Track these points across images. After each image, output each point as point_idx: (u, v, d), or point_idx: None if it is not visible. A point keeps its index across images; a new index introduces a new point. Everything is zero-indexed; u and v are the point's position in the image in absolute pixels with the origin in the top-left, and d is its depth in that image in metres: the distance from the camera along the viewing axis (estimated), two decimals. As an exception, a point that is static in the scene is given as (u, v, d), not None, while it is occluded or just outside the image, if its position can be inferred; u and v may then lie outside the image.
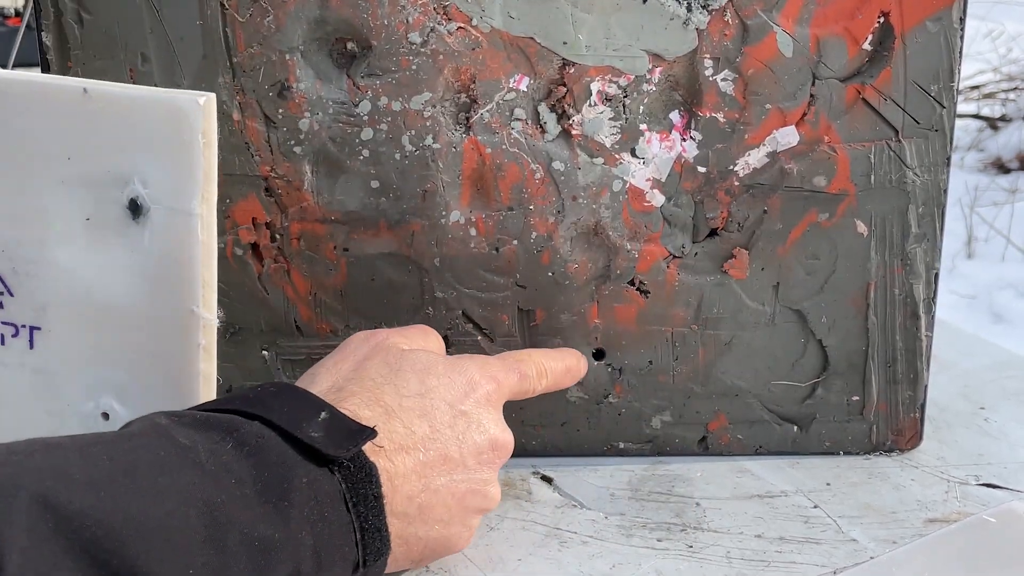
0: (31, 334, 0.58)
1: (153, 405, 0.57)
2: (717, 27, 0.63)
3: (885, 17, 0.63)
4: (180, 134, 0.54)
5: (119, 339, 0.57)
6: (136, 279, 0.56)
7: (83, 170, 0.55)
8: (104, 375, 0.58)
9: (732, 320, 0.68)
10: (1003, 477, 0.68)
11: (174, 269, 0.55)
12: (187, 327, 0.56)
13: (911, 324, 0.68)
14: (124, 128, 0.55)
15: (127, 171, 0.55)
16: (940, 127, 0.65)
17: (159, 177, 0.55)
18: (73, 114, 0.55)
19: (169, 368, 0.57)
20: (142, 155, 0.55)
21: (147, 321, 0.56)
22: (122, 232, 0.56)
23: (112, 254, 0.56)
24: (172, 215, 0.55)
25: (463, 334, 0.68)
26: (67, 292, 0.57)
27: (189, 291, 0.56)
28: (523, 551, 0.60)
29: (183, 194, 0.55)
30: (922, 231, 0.67)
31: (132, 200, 0.55)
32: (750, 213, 0.66)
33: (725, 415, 0.70)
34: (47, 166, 0.56)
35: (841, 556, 0.60)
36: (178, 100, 0.54)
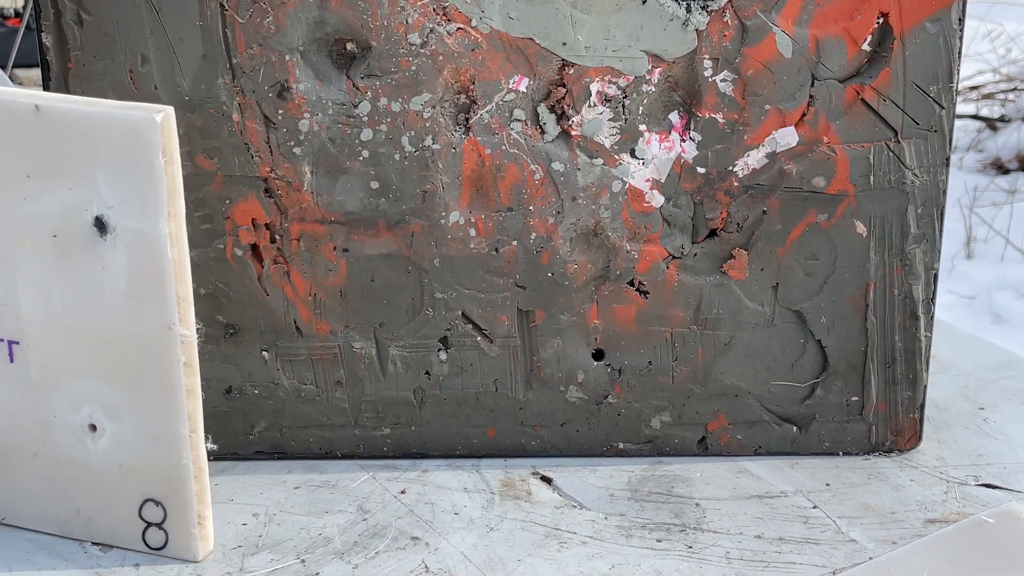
0: (10, 348, 0.59)
1: (140, 419, 0.57)
2: (716, 28, 0.63)
3: (884, 18, 0.63)
4: (139, 152, 0.53)
5: (100, 354, 0.57)
6: (109, 295, 0.56)
7: (44, 188, 0.55)
8: (88, 388, 0.58)
9: (731, 320, 0.68)
10: (1002, 477, 0.68)
11: (147, 287, 0.55)
12: (166, 344, 0.56)
13: (910, 324, 0.68)
14: (80, 146, 0.54)
15: (88, 189, 0.54)
16: (939, 128, 0.65)
17: (122, 196, 0.54)
18: (27, 132, 0.54)
19: (152, 383, 0.57)
20: (101, 173, 0.54)
21: (125, 337, 0.56)
22: (91, 248, 0.55)
23: (83, 270, 0.56)
24: (139, 234, 0.54)
25: (463, 334, 0.68)
26: (42, 308, 0.57)
27: (164, 308, 0.55)
28: (523, 551, 0.60)
29: (149, 213, 0.54)
30: (921, 232, 0.67)
31: (97, 218, 0.55)
32: (749, 214, 0.66)
33: (724, 415, 0.70)
34: (8, 184, 0.56)
35: (840, 556, 0.60)
36: (134, 118, 0.53)
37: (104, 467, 0.59)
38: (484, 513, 0.64)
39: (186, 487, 0.58)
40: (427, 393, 0.69)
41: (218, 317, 0.67)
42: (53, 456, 0.60)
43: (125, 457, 0.59)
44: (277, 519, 0.64)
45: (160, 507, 0.59)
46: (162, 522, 0.59)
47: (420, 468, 0.69)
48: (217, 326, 0.68)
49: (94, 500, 0.60)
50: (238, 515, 0.64)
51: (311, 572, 0.59)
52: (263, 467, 0.68)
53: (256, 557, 0.60)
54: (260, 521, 0.63)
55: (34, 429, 0.60)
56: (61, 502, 0.61)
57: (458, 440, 0.70)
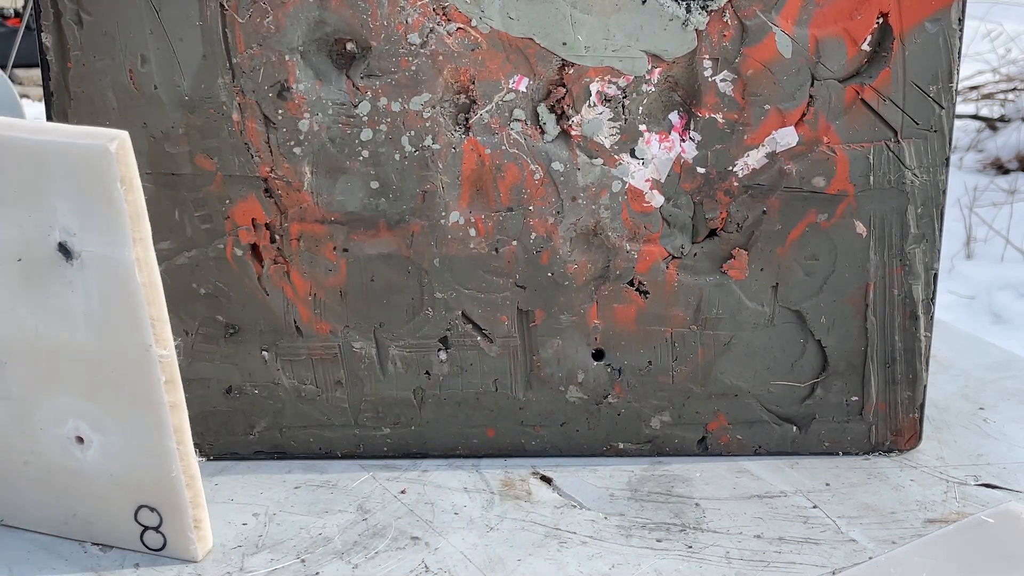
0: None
1: (125, 433, 0.57)
2: (716, 28, 0.63)
3: (884, 18, 0.63)
4: (96, 182, 0.52)
5: (78, 372, 0.57)
6: (82, 318, 0.56)
7: (4, 214, 0.54)
8: (70, 404, 0.58)
9: (731, 320, 0.68)
10: (1002, 477, 0.68)
11: (119, 310, 0.55)
12: (145, 364, 0.56)
13: (910, 324, 0.68)
14: (36, 174, 0.53)
15: (48, 216, 0.54)
16: (939, 128, 0.65)
17: (83, 223, 0.53)
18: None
19: (135, 400, 0.57)
20: (60, 201, 0.53)
21: (103, 357, 0.56)
22: (58, 272, 0.55)
23: (52, 293, 0.56)
24: (106, 260, 0.54)
25: (462, 334, 0.68)
26: (13, 330, 0.57)
27: (139, 331, 0.55)
28: (523, 551, 0.60)
29: (113, 241, 0.53)
30: (921, 232, 0.67)
31: (60, 244, 0.54)
32: (749, 214, 0.66)
33: (724, 415, 0.70)
34: None
35: (840, 556, 0.60)
36: (87, 148, 0.52)
37: (96, 474, 0.60)
38: (484, 513, 0.64)
39: (179, 495, 0.58)
40: (427, 393, 0.69)
41: (218, 317, 0.67)
42: (44, 464, 0.60)
43: (115, 467, 0.59)
44: (277, 519, 0.64)
45: (155, 512, 0.59)
46: (159, 526, 0.60)
47: (420, 468, 0.70)
48: (217, 326, 0.68)
49: (90, 504, 0.60)
50: (238, 515, 0.64)
51: (311, 572, 0.59)
52: (263, 467, 0.68)
53: (256, 557, 0.60)
54: (260, 521, 0.63)
55: (21, 440, 0.60)
56: (57, 506, 0.61)
57: (458, 440, 0.70)
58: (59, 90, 0.64)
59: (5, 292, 0.56)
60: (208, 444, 0.70)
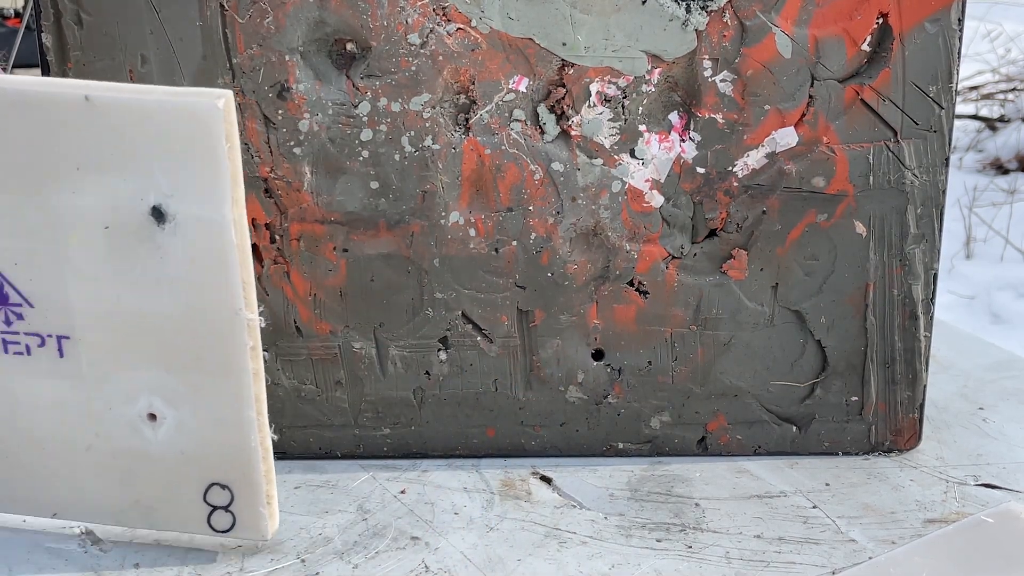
0: (59, 343, 0.57)
1: (204, 404, 0.57)
2: (716, 28, 0.63)
3: (884, 18, 0.63)
4: (201, 140, 0.52)
5: (159, 343, 0.56)
6: (168, 284, 0.55)
7: (94, 179, 0.54)
8: (146, 379, 0.57)
9: (731, 320, 0.68)
10: (1002, 477, 0.68)
11: (211, 274, 0.54)
12: (233, 329, 0.55)
13: (910, 324, 0.68)
14: (136, 136, 0.53)
15: (144, 179, 0.53)
16: (939, 128, 0.65)
17: (182, 184, 0.53)
18: (78, 123, 0.53)
19: (217, 369, 0.56)
20: (159, 163, 0.53)
21: (187, 325, 0.56)
22: (147, 239, 0.54)
23: (138, 261, 0.55)
24: (202, 222, 0.53)
25: (462, 335, 0.68)
26: (94, 301, 0.56)
27: (230, 294, 0.55)
28: (522, 551, 0.60)
29: (212, 201, 0.53)
30: (921, 232, 0.67)
31: (154, 208, 0.54)
32: (749, 214, 0.66)
33: (724, 415, 0.70)
34: (55, 177, 0.54)
35: (840, 556, 0.60)
36: (193, 105, 0.52)
37: (165, 455, 0.58)
38: (484, 513, 0.64)
39: (254, 469, 0.58)
40: (427, 393, 0.69)
41: (218, 317, 0.67)
42: (108, 449, 0.59)
43: (187, 444, 0.58)
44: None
45: (227, 490, 0.58)
46: (228, 504, 0.59)
47: (420, 468, 0.70)
48: (217, 326, 0.68)
49: (154, 489, 0.59)
50: (238, 515, 0.64)
51: (311, 572, 0.59)
52: (263, 467, 0.68)
53: (256, 557, 0.60)
54: (260, 521, 0.63)
55: (86, 423, 0.59)
56: (118, 493, 0.60)
57: (458, 440, 0.70)
58: (59, 90, 0.64)
59: (88, 262, 0.55)
60: (208, 444, 0.70)
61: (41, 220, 0.55)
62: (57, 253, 0.55)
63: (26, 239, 0.55)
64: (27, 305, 0.57)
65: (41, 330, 0.57)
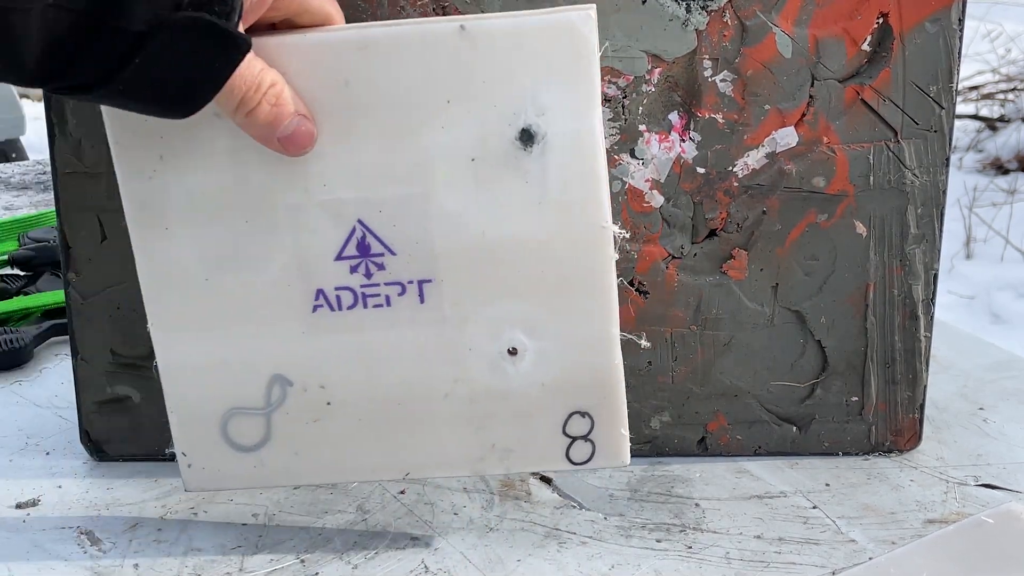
0: (420, 288, 0.57)
1: (567, 329, 0.57)
2: (716, 28, 0.63)
3: (884, 18, 0.63)
4: (575, 52, 0.54)
5: (520, 272, 0.57)
6: (533, 209, 0.56)
7: (464, 111, 0.55)
8: (506, 312, 0.58)
9: (731, 321, 0.68)
10: (1002, 478, 0.68)
11: (577, 189, 0.56)
12: (599, 244, 0.56)
13: (910, 325, 0.68)
14: (510, 59, 0.54)
15: (516, 102, 0.54)
16: (939, 128, 0.65)
17: (555, 100, 0.54)
18: (450, 56, 0.54)
19: (582, 289, 0.57)
20: (533, 82, 0.54)
21: (551, 248, 0.56)
22: (512, 165, 0.55)
23: (503, 190, 0.56)
24: (572, 136, 0.55)
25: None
26: (458, 238, 0.56)
27: (596, 208, 0.56)
28: (522, 552, 0.60)
29: (582, 112, 0.55)
30: (921, 232, 0.67)
31: (523, 130, 0.55)
32: (749, 214, 0.66)
33: (724, 416, 0.70)
34: (425, 115, 0.55)
35: (840, 557, 0.60)
36: (571, 20, 0.54)
37: (525, 390, 0.59)
38: (484, 513, 0.64)
39: (616, 390, 0.58)
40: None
41: (218, 317, 0.67)
42: (467, 393, 0.59)
43: (549, 374, 0.58)
44: (277, 519, 0.64)
45: (587, 418, 0.59)
46: (588, 433, 0.59)
47: (420, 468, 0.69)
48: (217, 326, 0.68)
49: (512, 428, 0.59)
50: (238, 515, 0.64)
51: (311, 572, 0.59)
52: (263, 467, 0.68)
53: (256, 557, 0.60)
54: (260, 521, 0.63)
55: (446, 369, 0.59)
56: (474, 440, 0.60)
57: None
58: (59, 90, 0.64)
59: (453, 199, 0.56)
60: (208, 444, 0.70)
61: (409, 163, 0.55)
62: (423, 194, 0.56)
63: (392, 185, 0.56)
64: (389, 253, 0.57)
65: (402, 277, 0.57)
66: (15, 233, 1.13)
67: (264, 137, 0.53)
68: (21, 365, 0.85)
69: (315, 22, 0.54)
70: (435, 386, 0.59)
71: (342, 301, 0.57)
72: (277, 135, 0.53)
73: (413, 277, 0.57)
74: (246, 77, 0.51)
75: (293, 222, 0.56)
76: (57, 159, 0.65)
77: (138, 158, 0.56)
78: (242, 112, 0.52)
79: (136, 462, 0.70)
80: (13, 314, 0.92)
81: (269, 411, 0.60)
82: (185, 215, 0.56)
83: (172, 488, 0.67)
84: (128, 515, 0.64)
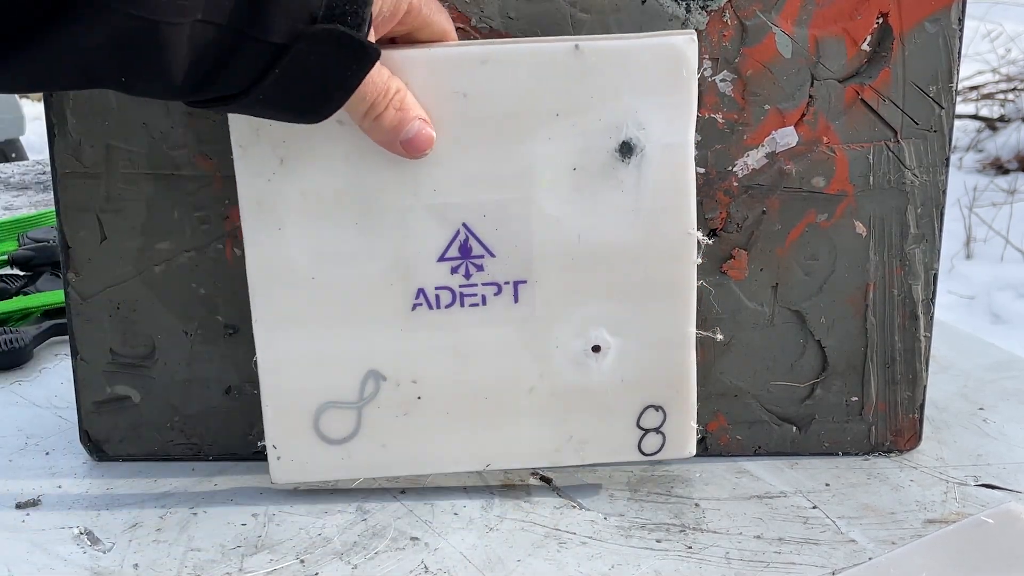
0: (515, 289, 0.61)
1: (648, 328, 0.62)
2: (716, 28, 0.63)
3: (884, 18, 0.63)
4: (677, 71, 0.59)
5: (610, 275, 0.61)
6: (626, 216, 0.60)
7: (571, 123, 0.59)
8: (594, 312, 0.62)
9: (731, 320, 0.68)
10: (1002, 478, 0.68)
11: (668, 198, 0.61)
12: (684, 249, 0.61)
13: (910, 325, 0.68)
14: (617, 77, 0.59)
15: (620, 116, 0.59)
16: (939, 128, 0.65)
17: (655, 115, 0.59)
18: (563, 72, 0.58)
19: (665, 290, 0.62)
20: (636, 98, 0.59)
21: (640, 252, 0.61)
22: (609, 175, 0.60)
23: (600, 197, 0.60)
24: (667, 149, 0.60)
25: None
26: (554, 242, 0.61)
27: (685, 216, 0.61)
28: (522, 551, 0.60)
29: (678, 127, 0.60)
30: (921, 232, 0.67)
31: (624, 143, 0.59)
32: (749, 214, 0.66)
33: (724, 415, 0.70)
34: (534, 126, 0.59)
35: (840, 557, 0.60)
36: (675, 43, 0.59)
37: (604, 386, 0.63)
38: (484, 513, 0.64)
39: (688, 385, 0.63)
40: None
41: (217, 317, 0.67)
42: (549, 388, 0.63)
43: (628, 371, 0.63)
44: (277, 519, 0.64)
45: (660, 411, 0.64)
46: (660, 426, 0.63)
47: (420, 468, 0.69)
48: (216, 326, 0.68)
49: (590, 421, 0.64)
50: (238, 515, 0.64)
51: (310, 572, 0.59)
52: (263, 467, 0.68)
53: (256, 557, 0.60)
54: (260, 521, 0.63)
55: (533, 365, 0.63)
56: (552, 433, 0.64)
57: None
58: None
59: (554, 204, 0.60)
60: (208, 444, 0.70)
61: (515, 170, 0.60)
62: (525, 200, 0.60)
63: (497, 191, 0.60)
64: (488, 255, 0.61)
65: (499, 278, 0.61)
66: (15, 233, 1.13)
67: (388, 141, 0.57)
68: (21, 365, 0.85)
69: (433, 37, 0.58)
70: (521, 381, 0.63)
71: (441, 300, 0.61)
72: (400, 139, 0.57)
73: (509, 278, 0.61)
74: (376, 83, 0.54)
75: (400, 224, 0.60)
76: (57, 159, 0.65)
77: (259, 160, 0.59)
78: (370, 117, 0.55)
79: (136, 462, 0.70)
80: (13, 314, 0.92)
81: (361, 405, 0.63)
82: (298, 215, 0.60)
83: (172, 488, 0.67)
84: (128, 515, 0.64)
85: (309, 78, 0.51)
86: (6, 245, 1.11)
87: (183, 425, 0.69)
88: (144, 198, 0.65)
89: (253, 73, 0.49)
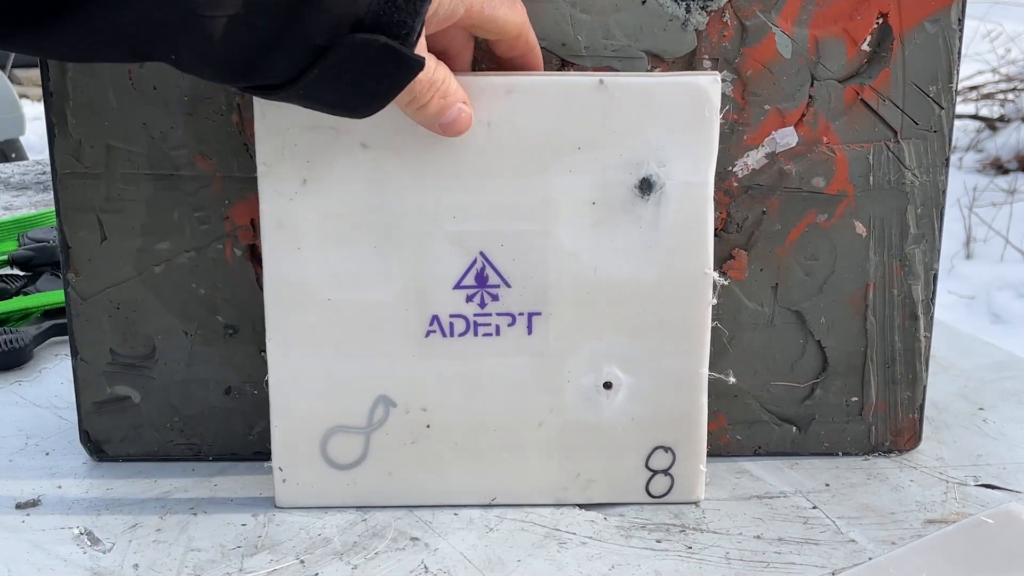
0: (530, 320, 0.61)
1: (661, 367, 0.62)
2: (716, 28, 0.63)
3: (884, 18, 0.63)
4: (700, 112, 0.59)
5: (625, 311, 0.61)
6: (643, 252, 0.61)
7: (593, 158, 0.59)
8: (607, 348, 0.61)
9: (731, 321, 0.68)
10: (1002, 478, 0.68)
11: (686, 237, 0.61)
12: (699, 289, 0.61)
13: (910, 325, 0.68)
14: (640, 113, 0.59)
15: (641, 153, 0.59)
16: (939, 128, 0.65)
17: (676, 154, 0.59)
18: (587, 106, 0.59)
19: (679, 330, 0.61)
20: (659, 136, 0.59)
21: (658, 289, 0.61)
22: (629, 211, 0.60)
23: (618, 233, 0.60)
24: (687, 188, 0.60)
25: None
26: (571, 275, 0.60)
27: (701, 255, 0.61)
28: (522, 552, 0.60)
29: (699, 167, 0.60)
30: (921, 232, 0.67)
31: (644, 179, 0.59)
32: (749, 214, 0.66)
33: (724, 416, 0.70)
34: (556, 159, 0.60)
35: (840, 557, 0.60)
36: (699, 83, 0.59)
37: (614, 423, 0.63)
38: (484, 513, 0.64)
39: (699, 428, 0.63)
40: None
41: (217, 317, 0.67)
42: (559, 423, 0.63)
43: (639, 409, 0.63)
44: (276, 519, 0.64)
45: (669, 452, 0.63)
46: (669, 468, 0.63)
47: (420, 468, 0.69)
48: (216, 326, 0.68)
49: (599, 459, 0.63)
50: (238, 515, 0.64)
51: (310, 572, 0.59)
52: (263, 467, 0.68)
53: (256, 557, 0.60)
54: (260, 521, 0.63)
55: (543, 399, 0.62)
56: (560, 469, 0.63)
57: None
58: (59, 90, 0.64)
59: (572, 238, 0.60)
60: (208, 444, 0.70)
61: (534, 201, 0.60)
62: (543, 232, 0.60)
63: (516, 221, 0.60)
64: (504, 285, 0.61)
65: (514, 309, 0.61)
66: (15, 233, 1.13)
67: (428, 124, 0.57)
68: (21, 365, 0.85)
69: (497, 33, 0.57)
70: (531, 414, 0.62)
71: (455, 328, 0.61)
72: (440, 121, 0.57)
73: (524, 309, 0.61)
74: (421, 80, 0.54)
75: (418, 249, 0.60)
76: (57, 159, 0.65)
77: (282, 180, 0.59)
78: (413, 106, 0.56)
79: (136, 462, 0.70)
80: (13, 314, 0.92)
81: (370, 431, 0.62)
82: (317, 236, 0.60)
83: (172, 488, 0.67)
84: (128, 515, 0.64)
85: (350, 81, 0.51)
86: (6, 245, 1.11)
87: (183, 425, 0.69)
88: (144, 198, 0.65)
89: (294, 70, 0.50)
